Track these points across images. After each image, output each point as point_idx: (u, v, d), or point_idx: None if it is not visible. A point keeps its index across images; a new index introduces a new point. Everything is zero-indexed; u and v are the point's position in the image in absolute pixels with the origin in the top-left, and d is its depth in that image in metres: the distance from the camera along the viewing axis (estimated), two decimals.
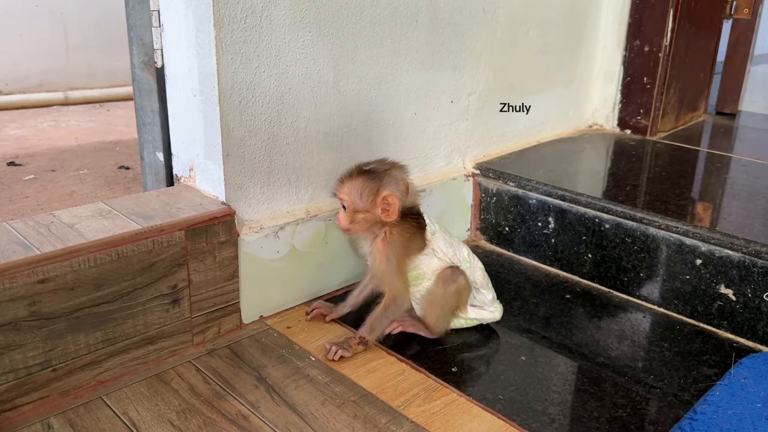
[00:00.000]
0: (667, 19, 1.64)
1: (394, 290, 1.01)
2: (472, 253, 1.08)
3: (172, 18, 1.03)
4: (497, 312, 1.10)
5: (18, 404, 0.87)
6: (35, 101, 2.75)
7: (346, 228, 1.00)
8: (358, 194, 0.97)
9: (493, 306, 1.10)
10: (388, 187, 0.97)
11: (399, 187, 0.98)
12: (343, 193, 0.98)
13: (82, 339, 0.90)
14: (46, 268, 0.85)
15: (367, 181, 0.97)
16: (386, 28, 1.19)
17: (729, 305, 1.10)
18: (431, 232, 1.03)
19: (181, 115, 1.08)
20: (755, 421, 0.86)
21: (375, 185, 0.97)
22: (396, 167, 1.01)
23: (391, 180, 0.98)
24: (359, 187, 0.97)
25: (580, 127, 1.79)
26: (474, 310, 1.09)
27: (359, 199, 0.97)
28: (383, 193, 0.96)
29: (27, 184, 1.80)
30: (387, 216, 0.98)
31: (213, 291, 1.03)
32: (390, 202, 0.97)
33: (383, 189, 0.97)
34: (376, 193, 0.97)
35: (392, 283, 1.00)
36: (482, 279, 1.08)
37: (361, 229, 1.00)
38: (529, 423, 0.88)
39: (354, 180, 0.98)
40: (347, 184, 0.98)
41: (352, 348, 1.01)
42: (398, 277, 1.00)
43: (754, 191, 1.34)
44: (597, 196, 1.26)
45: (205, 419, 0.87)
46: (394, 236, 0.99)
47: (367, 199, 0.97)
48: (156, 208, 1.01)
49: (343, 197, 0.98)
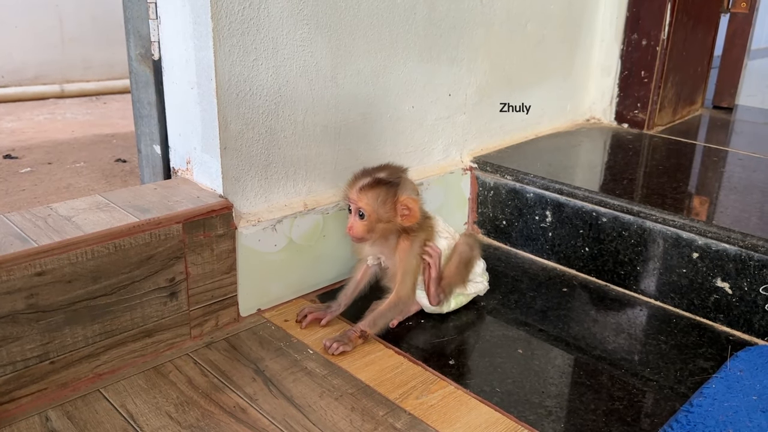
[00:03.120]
0: (665, 13, 1.64)
1: (405, 290, 1.03)
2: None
3: (169, 10, 1.03)
4: (486, 281, 1.16)
5: (16, 397, 0.87)
6: (31, 94, 2.74)
7: (361, 237, 1.00)
8: (381, 204, 0.98)
9: (481, 277, 1.14)
10: (405, 191, 0.99)
11: (415, 190, 1.00)
12: (363, 203, 0.98)
13: (80, 332, 0.90)
14: (43, 260, 0.85)
15: (388, 189, 0.98)
16: (384, 21, 1.19)
17: (725, 299, 1.11)
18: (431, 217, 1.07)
19: (179, 107, 1.08)
20: (751, 413, 0.87)
21: (394, 192, 0.98)
22: (403, 171, 1.03)
23: (407, 185, 1.00)
24: (382, 197, 0.98)
25: (578, 121, 1.79)
26: (471, 285, 1.12)
27: (382, 208, 0.98)
28: (402, 198, 0.98)
29: (23, 176, 1.79)
30: (407, 220, 1.00)
31: (211, 284, 1.03)
32: (410, 206, 0.99)
33: (401, 194, 0.98)
34: (395, 199, 0.98)
35: (406, 283, 1.02)
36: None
37: (377, 238, 1.01)
38: (526, 415, 0.89)
39: (375, 189, 0.98)
40: (369, 193, 0.98)
41: (353, 342, 1.01)
42: (411, 279, 1.03)
43: (750, 185, 1.34)
44: (594, 190, 1.27)
45: (203, 412, 0.87)
46: (414, 235, 1.02)
47: (390, 208, 0.99)
48: (153, 201, 1.01)
49: (364, 207, 0.98)
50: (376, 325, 1.02)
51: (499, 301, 1.18)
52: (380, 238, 1.02)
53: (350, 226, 1.00)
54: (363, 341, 1.02)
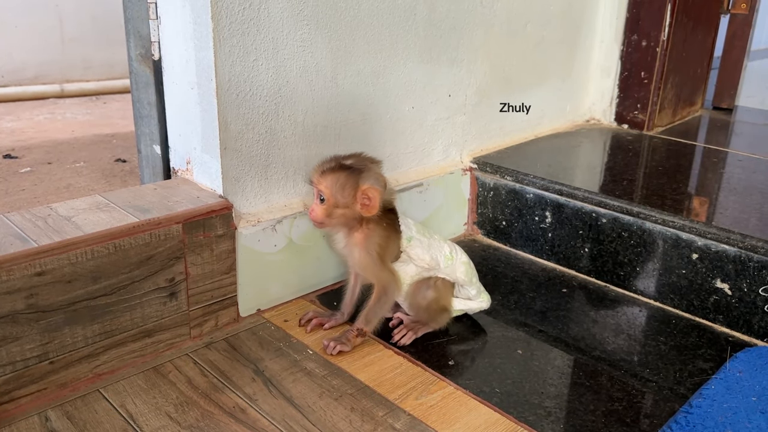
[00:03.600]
0: (665, 14, 1.64)
1: (382, 280, 1.00)
2: (456, 249, 1.06)
3: (169, 10, 1.03)
4: (485, 302, 1.10)
5: (15, 397, 0.87)
6: (31, 93, 2.74)
7: (320, 221, 0.97)
8: (340, 188, 0.95)
9: (479, 297, 1.10)
10: (368, 180, 0.95)
11: (380, 182, 0.96)
12: (323, 186, 0.96)
13: (80, 332, 0.90)
14: (43, 260, 0.85)
15: (349, 175, 0.95)
16: (384, 22, 1.19)
17: (725, 300, 1.11)
18: (407, 238, 1.01)
19: (179, 107, 1.08)
20: (750, 414, 0.87)
21: (356, 179, 0.95)
22: (375, 162, 0.99)
23: (371, 174, 0.96)
24: (341, 181, 0.95)
25: (578, 122, 1.79)
26: (461, 302, 1.09)
27: (340, 193, 0.95)
28: (363, 187, 0.95)
29: (23, 176, 1.79)
30: (367, 210, 0.96)
31: (210, 284, 1.03)
32: (370, 196, 0.95)
33: (363, 182, 0.95)
34: (356, 187, 0.95)
35: (379, 274, 0.99)
36: (464, 276, 1.05)
37: (336, 224, 0.98)
38: (525, 416, 0.89)
39: (336, 173, 0.96)
40: (329, 176, 0.96)
41: (351, 341, 1.01)
42: (383, 267, 0.99)
43: (750, 186, 1.34)
44: (594, 191, 1.27)
45: (202, 412, 0.87)
46: (372, 229, 0.98)
47: (349, 194, 0.95)
48: (153, 201, 1.01)
49: (324, 189, 0.96)
50: (370, 322, 1.01)
51: (498, 302, 1.18)
52: (341, 226, 0.99)
53: (311, 209, 0.98)
54: (362, 340, 1.02)
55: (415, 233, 1.02)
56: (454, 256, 1.05)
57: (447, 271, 1.04)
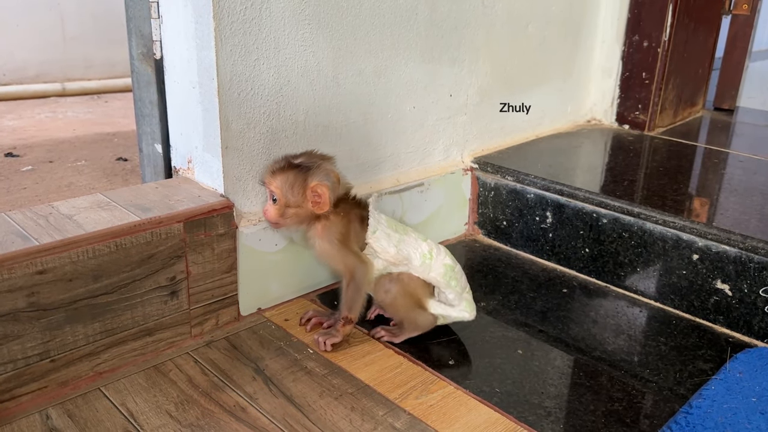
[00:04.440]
0: (666, 15, 1.64)
1: (348, 266, 0.99)
2: (440, 250, 1.03)
3: (171, 9, 1.03)
4: (467, 313, 1.04)
5: (16, 395, 0.87)
6: (32, 92, 2.74)
7: (275, 221, 0.97)
8: (289, 188, 0.95)
9: (461, 305, 1.04)
10: (316, 178, 0.94)
11: (330, 178, 0.95)
12: (273, 186, 0.95)
13: (81, 330, 0.91)
14: (44, 259, 0.85)
15: (297, 174, 0.95)
16: (385, 22, 1.19)
17: (725, 300, 1.11)
18: (372, 231, 0.99)
19: (180, 107, 1.08)
20: (750, 415, 0.87)
21: (304, 177, 0.95)
22: (325, 159, 0.98)
23: (320, 171, 0.95)
24: (290, 181, 0.95)
25: (579, 122, 1.79)
26: (440, 306, 1.04)
27: (290, 192, 0.95)
28: (311, 184, 0.94)
29: (25, 175, 1.79)
30: (318, 207, 0.95)
31: (211, 283, 1.03)
32: (320, 193, 0.94)
33: (311, 180, 0.94)
34: (305, 185, 0.95)
35: (343, 259, 0.98)
36: (441, 278, 1.01)
37: (291, 224, 0.98)
38: (525, 416, 0.89)
39: (285, 173, 0.95)
40: (279, 176, 0.95)
41: (339, 331, 1.00)
42: (347, 253, 0.98)
43: (750, 187, 1.34)
44: (595, 191, 1.27)
45: (203, 410, 0.88)
46: (331, 221, 0.98)
47: (298, 193, 0.95)
48: (155, 200, 1.01)
49: (274, 189, 0.95)
50: (352, 309, 1.00)
51: (499, 302, 1.18)
52: (297, 224, 0.99)
53: (265, 209, 0.98)
54: (350, 328, 1.01)
55: (384, 227, 1.00)
56: (434, 256, 1.01)
57: (422, 269, 1.01)
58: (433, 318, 1.04)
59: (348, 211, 1.00)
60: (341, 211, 0.99)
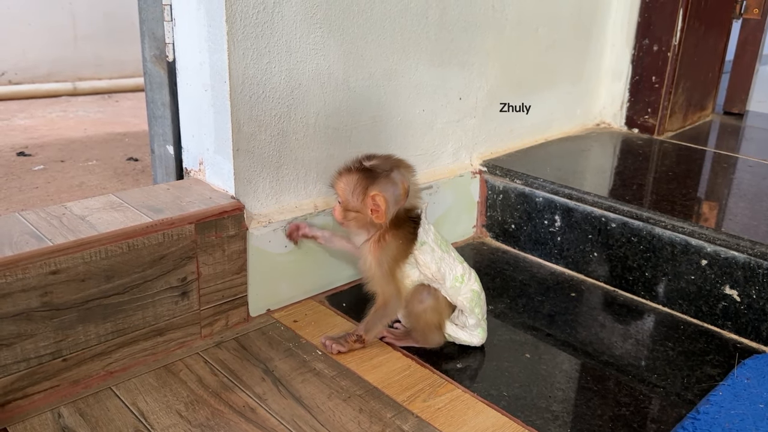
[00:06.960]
0: (677, 19, 1.64)
1: (386, 295, 0.98)
2: (472, 275, 1.02)
3: (184, 12, 1.04)
4: (476, 338, 1.03)
5: (29, 393, 0.88)
6: (44, 91, 2.76)
7: (339, 221, 0.98)
8: (350, 191, 0.94)
9: (475, 330, 1.03)
10: (378, 187, 0.92)
11: (395, 190, 0.93)
12: (338, 188, 0.96)
13: (93, 330, 0.92)
14: (58, 259, 0.86)
15: (361, 178, 0.93)
16: (396, 25, 1.19)
17: (733, 306, 1.11)
18: (420, 242, 0.97)
19: (192, 109, 1.09)
20: (757, 421, 0.87)
21: (366, 183, 0.93)
22: (401, 166, 0.96)
23: (386, 181, 0.92)
24: (352, 184, 0.94)
25: (588, 126, 1.79)
26: (451, 327, 1.03)
27: (351, 196, 0.94)
28: (371, 193, 0.92)
29: (36, 174, 1.81)
30: (377, 217, 0.93)
31: (221, 284, 1.04)
32: (378, 203, 0.92)
33: (373, 188, 0.92)
34: (365, 192, 0.93)
35: (384, 287, 0.97)
36: (467, 303, 1.01)
37: (354, 227, 0.98)
38: (532, 420, 0.89)
39: (350, 175, 0.94)
40: (344, 178, 0.95)
41: (348, 344, 1.01)
42: (390, 282, 0.97)
43: (760, 192, 1.34)
44: (604, 195, 1.27)
45: (212, 411, 0.88)
46: (388, 241, 0.96)
47: (358, 198, 0.93)
48: (166, 201, 1.02)
49: (338, 191, 0.96)
50: (369, 331, 1.01)
51: (506, 305, 1.18)
52: (358, 228, 0.98)
53: (334, 207, 0.98)
54: (361, 346, 1.02)
55: (431, 241, 0.99)
56: (465, 280, 1.00)
57: (451, 291, 1.00)
58: (444, 339, 1.04)
59: (407, 233, 0.97)
60: (400, 234, 0.96)
